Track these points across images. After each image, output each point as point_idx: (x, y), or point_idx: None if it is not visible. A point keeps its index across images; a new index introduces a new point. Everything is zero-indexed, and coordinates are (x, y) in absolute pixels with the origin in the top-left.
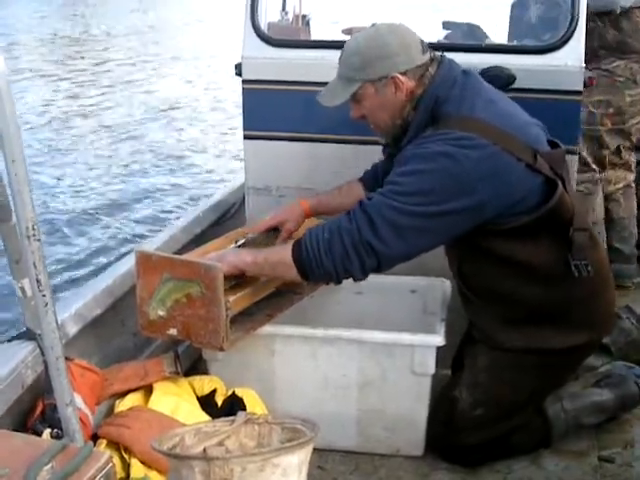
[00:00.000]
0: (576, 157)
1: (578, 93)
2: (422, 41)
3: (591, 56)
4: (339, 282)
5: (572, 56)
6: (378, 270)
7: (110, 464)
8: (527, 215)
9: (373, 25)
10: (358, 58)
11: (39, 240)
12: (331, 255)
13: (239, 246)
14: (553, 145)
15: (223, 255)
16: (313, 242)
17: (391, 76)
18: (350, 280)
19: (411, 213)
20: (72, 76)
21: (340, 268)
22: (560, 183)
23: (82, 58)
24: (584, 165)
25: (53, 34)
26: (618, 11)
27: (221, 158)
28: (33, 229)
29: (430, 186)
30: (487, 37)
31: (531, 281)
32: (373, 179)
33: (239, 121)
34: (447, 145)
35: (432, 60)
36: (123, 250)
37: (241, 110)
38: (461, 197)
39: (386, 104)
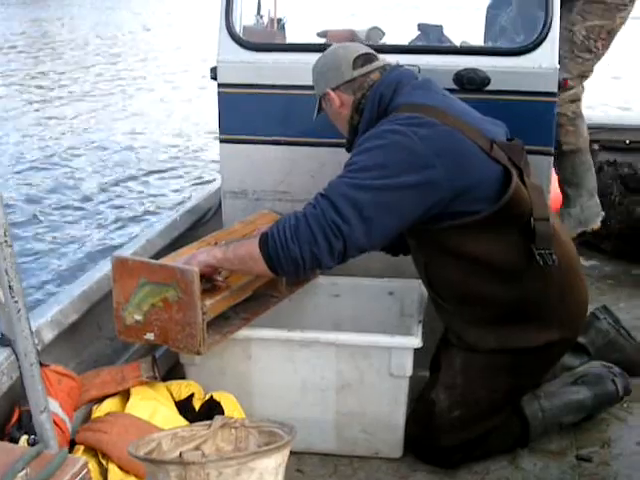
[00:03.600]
0: (551, 158)
1: (552, 94)
2: (360, 57)
3: None
4: (306, 272)
5: (546, 58)
6: (345, 255)
7: (85, 470)
8: (487, 205)
9: None
10: (312, 76)
11: (11, 246)
12: (297, 240)
13: None
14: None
15: (194, 255)
16: (280, 229)
17: (325, 92)
18: (327, 281)
19: (368, 187)
20: None
21: (307, 253)
22: (516, 173)
23: None
24: None
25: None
26: None
27: None
28: (5, 235)
29: (383, 160)
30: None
31: (496, 279)
32: None
33: None
34: (395, 124)
35: (377, 69)
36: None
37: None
38: (415, 171)
39: (333, 116)
